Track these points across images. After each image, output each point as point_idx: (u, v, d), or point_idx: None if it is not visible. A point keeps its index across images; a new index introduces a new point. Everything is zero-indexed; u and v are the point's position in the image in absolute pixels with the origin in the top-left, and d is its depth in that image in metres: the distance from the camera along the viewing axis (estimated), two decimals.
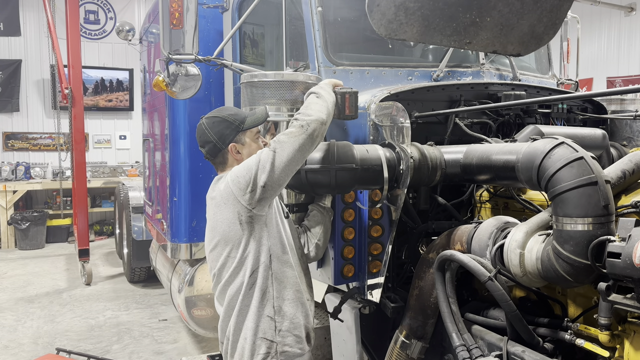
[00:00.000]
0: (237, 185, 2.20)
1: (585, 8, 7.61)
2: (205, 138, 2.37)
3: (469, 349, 2.17)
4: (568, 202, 1.84)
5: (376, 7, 2.31)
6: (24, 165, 10.96)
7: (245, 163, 2.23)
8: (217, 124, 2.36)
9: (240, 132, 2.37)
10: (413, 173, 2.35)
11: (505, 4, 2.46)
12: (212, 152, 2.39)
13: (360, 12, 3.01)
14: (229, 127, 2.35)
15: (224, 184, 2.27)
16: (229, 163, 2.39)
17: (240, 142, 2.37)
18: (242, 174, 2.20)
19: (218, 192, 2.30)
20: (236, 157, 2.38)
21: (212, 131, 2.35)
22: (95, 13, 12.07)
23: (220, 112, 2.42)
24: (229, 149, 2.36)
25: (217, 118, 2.38)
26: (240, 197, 2.20)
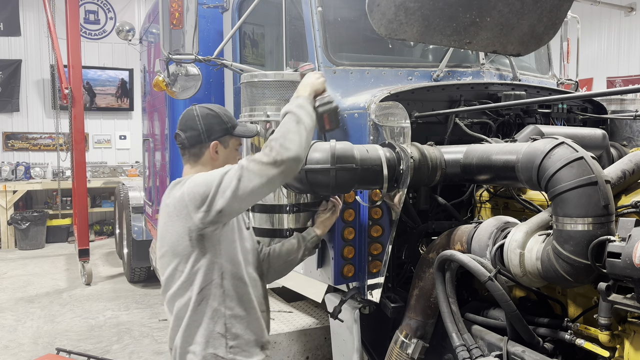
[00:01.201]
0: (193, 201, 2.07)
1: (585, 8, 7.61)
2: (192, 124, 2.27)
3: (469, 349, 2.17)
4: (568, 202, 1.84)
5: (376, 7, 2.31)
6: (24, 165, 10.96)
7: (206, 177, 2.09)
8: (211, 117, 2.29)
9: (228, 135, 2.32)
10: (413, 173, 2.35)
11: (505, 4, 2.46)
12: (191, 140, 2.28)
13: (360, 12, 3.01)
14: (220, 125, 2.29)
15: (179, 192, 2.14)
16: (202, 159, 2.30)
17: (223, 144, 2.31)
18: (199, 189, 2.06)
19: (172, 200, 2.17)
20: (213, 156, 2.29)
21: (203, 121, 2.27)
22: (95, 13, 12.07)
23: (218, 107, 2.36)
24: (211, 145, 2.28)
25: (213, 112, 2.31)
26: (193, 214, 2.07)
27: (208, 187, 2.05)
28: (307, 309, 3.69)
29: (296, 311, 3.64)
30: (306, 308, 3.70)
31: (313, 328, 3.36)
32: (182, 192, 2.12)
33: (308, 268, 2.99)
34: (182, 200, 2.11)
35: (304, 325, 3.38)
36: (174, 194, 2.18)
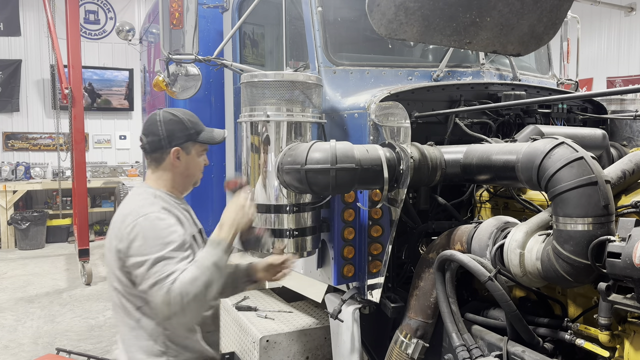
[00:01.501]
0: (125, 250, 2.04)
1: (585, 8, 7.61)
2: (154, 129, 2.23)
3: (469, 349, 2.17)
4: (568, 202, 1.84)
5: (376, 7, 2.31)
6: (24, 165, 10.96)
7: (144, 242, 2.01)
8: (174, 122, 2.24)
9: (191, 142, 2.27)
10: (413, 173, 2.35)
11: (505, 4, 2.46)
12: (152, 146, 2.24)
13: (360, 12, 3.01)
14: (183, 131, 2.24)
15: (123, 223, 2.08)
16: (163, 164, 2.26)
17: (185, 150, 2.26)
18: (133, 253, 2.02)
19: (117, 220, 2.12)
20: (175, 162, 2.25)
21: (165, 126, 2.23)
22: (95, 13, 12.07)
23: (182, 113, 2.30)
24: (172, 152, 2.24)
25: (176, 117, 2.26)
26: (122, 266, 2.08)
27: (140, 259, 2.01)
28: (307, 309, 3.69)
29: (296, 311, 3.64)
30: (306, 308, 3.70)
31: (313, 328, 3.36)
32: (124, 229, 2.08)
33: (308, 268, 2.99)
34: (120, 235, 2.08)
35: (304, 325, 3.38)
36: (122, 212, 2.15)
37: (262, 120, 2.53)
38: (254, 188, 2.61)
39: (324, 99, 2.85)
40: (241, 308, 3.71)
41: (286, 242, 2.57)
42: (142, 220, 2.07)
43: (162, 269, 1.98)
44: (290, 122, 2.53)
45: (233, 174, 4.01)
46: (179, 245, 2.05)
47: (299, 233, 2.58)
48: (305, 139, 2.57)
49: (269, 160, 2.55)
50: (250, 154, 2.62)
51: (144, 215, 2.08)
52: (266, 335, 3.24)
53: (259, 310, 3.66)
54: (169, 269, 1.98)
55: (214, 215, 4.20)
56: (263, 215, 2.57)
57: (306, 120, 2.58)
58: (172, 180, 2.30)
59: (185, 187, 2.37)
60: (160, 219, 2.08)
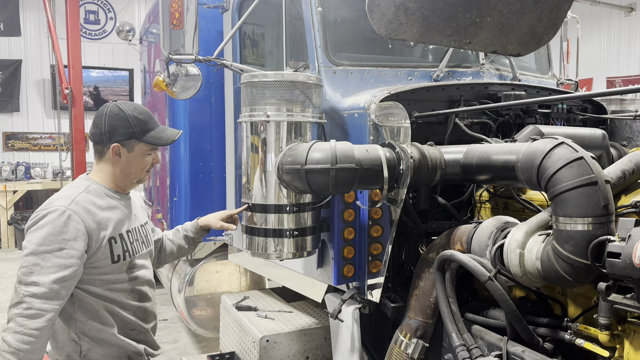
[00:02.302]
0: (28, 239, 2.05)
1: (585, 8, 7.61)
2: (98, 122, 2.20)
3: (469, 349, 2.17)
4: (568, 202, 1.84)
5: (376, 7, 2.31)
6: (24, 165, 10.97)
7: (32, 236, 2.03)
8: (119, 118, 2.18)
9: (135, 140, 2.22)
10: (413, 173, 2.35)
11: (505, 4, 2.46)
12: (94, 138, 2.23)
13: (360, 12, 3.01)
14: (126, 128, 2.19)
15: (40, 207, 2.11)
16: (104, 158, 2.24)
17: (126, 147, 2.22)
18: (26, 250, 2.02)
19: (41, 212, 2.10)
20: (114, 158, 2.22)
21: (108, 121, 2.18)
22: (95, 13, 12.07)
23: (133, 109, 2.24)
24: (111, 147, 2.20)
25: (123, 114, 2.20)
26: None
27: (25, 243, 2.04)
28: (307, 309, 3.69)
29: (296, 311, 3.64)
30: (306, 308, 3.70)
31: (313, 328, 3.36)
32: (35, 212, 2.10)
33: (308, 268, 2.99)
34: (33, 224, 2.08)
35: (304, 325, 3.38)
36: (41, 205, 2.15)
37: (262, 120, 2.53)
38: (254, 188, 2.61)
39: (324, 99, 2.85)
40: (241, 308, 3.72)
41: (286, 242, 2.58)
42: (49, 211, 2.07)
43: (30, 267, 1.98)
44: (290, 122, 2.53)
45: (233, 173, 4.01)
46: (64, 253, 2.02)
47: (299, 233, 2.58)
48: (305, 139, 2.58)
49: (269, 160, 2.55)
50: (250, 154, 2.62)
51: (54, 207, 2.08)
52: (266, 335, 3.24)
53: (259, 310, 3.66)
54: (36, 272, 1.97)
55: None
56: (263, 215, 2.58)
57: (306, 120, 2.58)
58: (112, 175, 2.27)
59: (126, 184, 2.33)
60: (67, 217, 2.05)
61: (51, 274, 1.98)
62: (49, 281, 1.97)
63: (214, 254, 4.50)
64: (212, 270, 4.51)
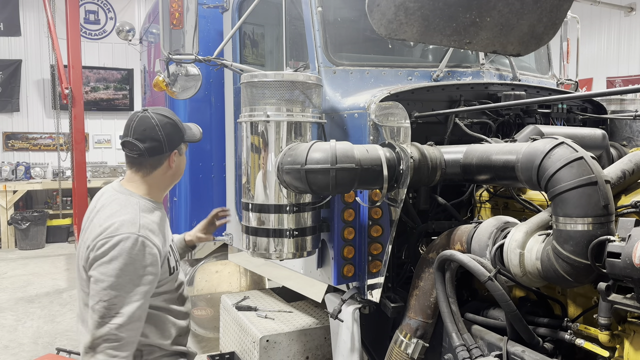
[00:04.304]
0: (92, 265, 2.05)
1: (585, 8, 7.60)
2: (153, 134, 2.16)
3: (469, 349, 2.17)
4: (568, 202, 1.84)
5: (376, 7, 2.31)
6: (24, 165, 10.96)
7: (109, 267, 2.00)
8: (169, 125, 2.21)
9: (183, 143, 2.30)
10: (413, 173, 2.35)
11: (505, 4, 2.46)
12: (152, 151, 2.19)
13: (360, 12, 3.01)
14: (177, 133, 2.25)
15: (103, 235, 2.06)
16: (160, 168, 2.24)
17: (180, 152, 2.29)
18: (101, 268, 2.02)
19: (98, 233, 2.08)
20: (171, 164, 2.25)
21: (164, 131, 2.18)
22: (95, 13, 12.07)
23: (170, 114, 2.27)
24: (171, 155, 2.24)
25: (170, 120, 2.22)
26: (87, 269, 2.10)
27: (99, 276, 2.02)
28: (307, 309, 3.69)
29: (296, 311, 3.64)
30: (306, 308, 3.70)
31: (313, 328, 3.36)
32: (99, 240, 2.06)
33: (308, 268, 2.99)
34: (94, 244, 2.06)
35: (304, 325, 3.38)
36: (101, 218, 2.12)
37: (262, 120, 2.53)
38: (254, 188, 2.61)
39: (324, 99, 2.85)
40: (241, 308, 3.72)
41: (286, 242, 2.58)
42: (119, 239, 2.04)
43: (112, 299, 1.98)
44: (290, 122, 2.53)
45: (233, 173, 4.01)
46: (144, 280, 2.05)
47: (299, 233, 2.58)
48: (305, 139, 2.58)
49: (269, 160, 2.55)
50: (250, 154, 2.62)
51: (123, 234, 2.05)
52: (266, 335, 3.24)
53: (259, 310, 3.66)
54: (120, 304, 1.99)
55: None
56: (263, 215, 2.58)
57: (306, 120, 2.58)
58: (159, 184, 2.29)
59: (166, 189, 2.39)
60: (142, 245, 2.05)
61: (134, 303, 2.01)
62: (132, 310, 2.00)
63: (214, 254, 4.50)
64: (212, 270, 4.51)
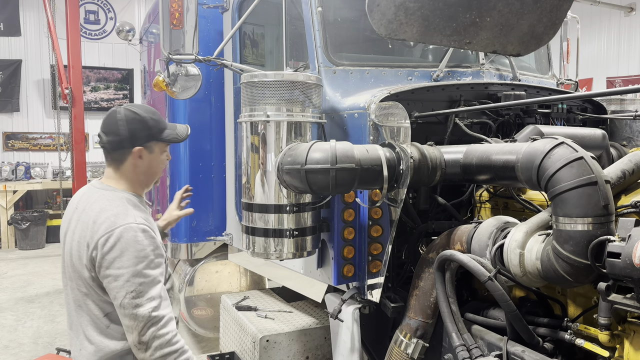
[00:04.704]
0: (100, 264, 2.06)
1: (585, 8, 7.60)
2: (115, 128, 2.18)
3: (469, 349, 2.17)
4: (568, 202, 1.84)
5: (376, 7, 2.31)
6: (24, 165, 10.97)
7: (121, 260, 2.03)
8: (137, 121, 2.20)
9: (154, 141, 2.25)
10: (413, 173, 2.35)
11: (505, 4, 2.46)
12: (113, 145, 2.20)
13: (360, 12, 3.01)
14: (145, 130, 2.22)
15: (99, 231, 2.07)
16: (124, 165, 2.24)
17: (148, 149, 2.25)
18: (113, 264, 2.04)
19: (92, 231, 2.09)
20: (137, 162, 2.23)
21: (128, 125, 2.18)
22: (95, 13, 12.07)
23: (145, 110, 2.25)
24: (134, 151, 2.21)
25: (138, 116, 2.20)
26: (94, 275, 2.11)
27: (115, 272, 2.05)
28: (307, 309, 3.69)
29: (296, 311, 3.64)
30: (306, 308, 3.70)
31: (313, 328, 3.36)
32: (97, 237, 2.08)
33: (308, 268, 2.99)
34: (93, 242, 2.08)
35: (304, 325, 3.38)
36: (91, 216, 2.13)
37: (262, 120, 2.53)
38: (254, 188, 2.61)
39: (324, 99, 2.85)
40: (241, 308, 3.72)
41: (286, 242, 2.58)
42: (120, 231, 2.07)
43: (138, 287, 2.03)
44: (290, 122, 2.53)
45: (233, 173, 4.01)
46: (156, 262, 2.10)
47: (299, 233, 2.58)
48: (305, 139, 2.58)
49: (268, 160, 2.55)
50: (250, 154, 2.62)
51: (122, 225, 2.08)
52: (266, 335, 3.24)
53: (259, 310, 3.66)
54: (146, 290, 2.04)
55: (214, 215, 4.20)
56: (263, 215, 2.58)
57: (306, 120, 2.58)
58: (135, 180, 2.29)
59: (148, 185, 2.37)
60: (142, 231, 2.10)
61: (158, 284, 2.09)
62: (159, 290, 2.09)
63: (214, 254, 4.50)
64: (212, 270, 4.51)
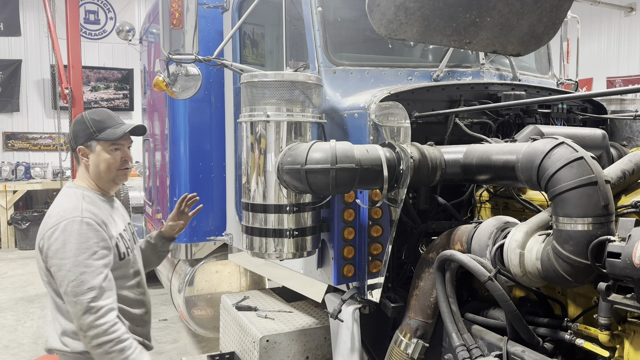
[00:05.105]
0: (46, 254, 2.22)
1: (585, 8, 7.61)
2: (70, 132, 2.51)
3: (469, 349, 2.17)
4: (568, 202, 1.84)
5: (376, 7, 2.31)
6: (24, 165, 10.97)
7: (63, 251, 2.18)
8: (78, 123, 2.41)
9: (94, 140, 2.38)
10: (413, 173, 2.35)
11: (505, 4, 2.46)
12: (69, 145, 2.51)
13: (360, 12, 3.01)
14: (84, 130, 2.39)
15: (49, 224, 2.24)
16: (81, 164, 2.45)
17: (89, 148, 2.39)
18: (56, 255, 2.19)
19: (44, 224, 2.27)
20: (83, 160, 2.42)
21: (73, 127, 2.43)
22: (95, 13, 12.08)
23: (91, 113, 2.44)
24: (77, 150, 2.41)
25: (81, 118, 2.42)
26: (44, 264, 2.26)
27: (58, 262, 2.19)
28: (307, 309, 3.69)
29: (296, 311, 3.64)
30: (306, 308, 3.70)
31: (313, 328, 3.36)
32: (46, 229, 2.23)
33: (308, 268, 2.99)
34: (42, 234, 2.25)
35: (304, 325, 3.38)
36: (49, 212, 2.31)
37: (262, 120, 2.53)
38: (254, 188, 2.61)
39: (324, 99, 2.85)
40: (241, 308, 3.72)
41: (286, 242, 2.58)
42: (65, 224, 2.21)
43: (79, 277, 2.15)
44: (290, 122, 2.53)
45: (233, 173, 4.01)
46: (100, 254, 2.22)
47: (299, 233, 2.58)
48: (305, 139, 2.58)
49: (268, 160, 2.55)
50: (250, 154, 2.62)
51: (67, 219, 2.22)
52: (266, 335, 3.24)
53: (259, 310, 3.66)
54: (87, 279, 2.16)
55: (214, 215, 4.20)
56: (263, 215, 2.58)
57: (306, 120, 2.58)
58: (91, 178, 2.44)
59: (104, 184, 2.47)
60: (86, 224, 2.22)
61: (99, 275, 2.19)
62: (100, 281, 2.18)
63: (214, 254, 4.50)
64: (212, 270, 4.51)
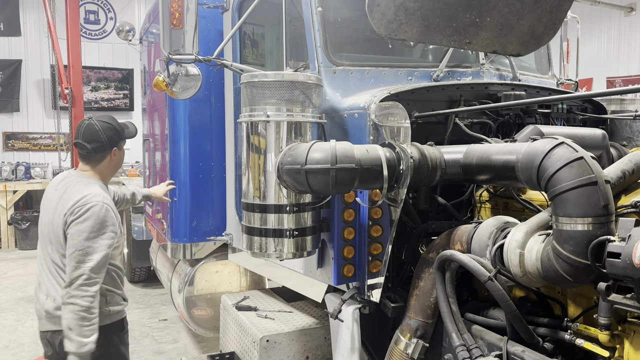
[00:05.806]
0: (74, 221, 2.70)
1: (585, 8, 7.61)
2: (97, 137, 2.85)
3: (469, 349, 2.18)
4: (568, 202, 1.84)
5: (376, 7, 2.31)
6: (24, 165, 10.97)
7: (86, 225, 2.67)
8: (110, 129, 2.89)
9: (122, 140, 2.97)
10: (413, 173, 2.35)
11: (505, 4, 2.46)
12: (97, 150, 2.87)
13: (360, 12, 3.01)
14: (117, 135, 2.93)
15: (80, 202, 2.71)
16: (102, 162, 2.92)
17: (119, 148, 2.98)
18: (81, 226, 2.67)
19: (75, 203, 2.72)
20: (112, 159, 2.94)
21: (105, 134, 2.86)
22: (95, 13, 12.08)
23: (110, 120, 2.93)
24: (112, 152, 2.92)
25: (109, 125, 2.89)
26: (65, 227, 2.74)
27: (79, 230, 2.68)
28: (307, 309, 3.69)
29: (296, 311, 3.64)
30: (306, 308, 3.70)
31: (313, 328, 3.37)
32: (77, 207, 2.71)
33: (308, 268, 2.99)
34: (73, 210, 2.71)
35: (304, 325, 3.38)
36: (75, 195, 2.75)
37: (262, 120, 2.53)
38: (254, 188, 2.61)
39: (324, 99, 2.85)
40: (241, 308, 3.72)
41: (286, 242, 2.58)
42: (91, 205, 2.71)
43: (86, 248, 2.66)
44: (290, 122, 2.53)
45: (233, 173, 4.01)
46: (108, 235, 2.72)
47: (299, 233, 2.58)
48: (305, 139, 2.58)
49: (268, 160, 2.55)
50: (250, 154, 2.62)
51: (92, 202, 2.71)
52: (266, 335, 3.24)
53: (259, 310, 3.66)
54: (92, 252, 2.66)
55: (214, 215, 4.20)
56: (263, 215, 2.58)
57: (306, 120, 2.58)
58: (107, 172, 2.99)
59: (114, 173, 3.10)
60: (106, 210, 2.74)
61: (101, 252, 2.69)
62: (100, 257, 2.68)
63: (214, 254, 4.50)
64: (212, 270, 4.51)
